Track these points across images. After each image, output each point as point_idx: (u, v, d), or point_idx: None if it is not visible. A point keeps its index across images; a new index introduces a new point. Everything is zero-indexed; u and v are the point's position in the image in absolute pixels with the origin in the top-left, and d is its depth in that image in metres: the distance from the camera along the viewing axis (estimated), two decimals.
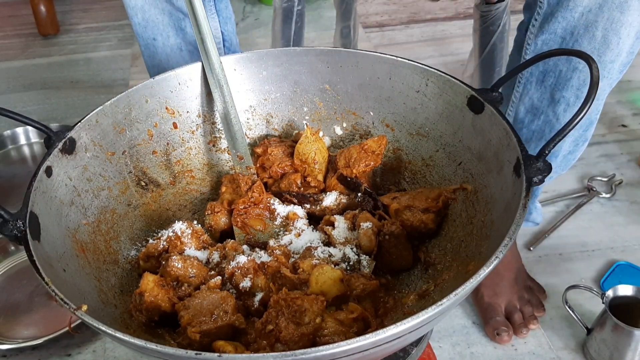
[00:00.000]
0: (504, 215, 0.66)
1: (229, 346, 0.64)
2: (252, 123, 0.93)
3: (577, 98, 0.91)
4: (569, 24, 0.86)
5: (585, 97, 0.63)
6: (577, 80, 0.90)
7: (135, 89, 0.83)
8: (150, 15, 1.02)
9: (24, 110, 1.62)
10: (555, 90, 0.93)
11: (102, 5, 2.20)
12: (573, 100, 0.92)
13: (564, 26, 0.87)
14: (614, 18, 0.82)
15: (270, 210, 0.83)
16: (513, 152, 0.68)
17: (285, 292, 0.67)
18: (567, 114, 0.93)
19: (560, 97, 0.92)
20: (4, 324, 1.03)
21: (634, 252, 1.14)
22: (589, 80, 0.88)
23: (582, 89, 0.90)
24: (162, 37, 1.04)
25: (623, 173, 1.32)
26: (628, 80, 1.63)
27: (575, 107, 0.92)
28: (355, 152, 0.84)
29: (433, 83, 0.81)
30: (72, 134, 0.76)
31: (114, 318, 0.69)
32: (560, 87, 0.92)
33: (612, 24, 0.83)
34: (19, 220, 0.63)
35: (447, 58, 1.79)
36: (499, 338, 0.98)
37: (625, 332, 0.89)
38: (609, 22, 0.83)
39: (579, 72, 0.89)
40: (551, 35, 0.89)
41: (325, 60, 0.88)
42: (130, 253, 0.80)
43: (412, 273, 0.79)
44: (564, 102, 0.93)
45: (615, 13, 0.82)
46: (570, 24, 0.86)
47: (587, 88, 0.89)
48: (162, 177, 0.87)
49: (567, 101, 0.92)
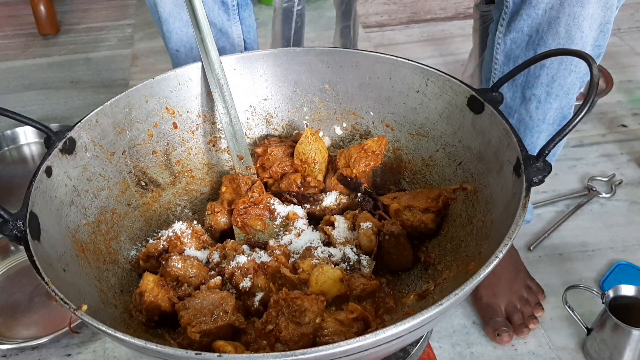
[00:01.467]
0: (504, 215, 0.66)
1: (229, 346, 0.64)
2: (252, 123, 0.93)
3: (548, 95, 0.92)
4: (534, 21, 0.87)
5: (585, 96, 0.63)
6: (545, 78, 0.91)
7: (135, 89, 0.83)
8: (174, 28, 1.01)
9: (24, 110, 1.62)
10: (526, 89, 0.94)
11: (102, 5, 2.20)
12: (544, 97, 0.92)
13: (529, 24, 0.88)
14: (576, 13, 0.83)
15: (270, 210, 0.83)
16: (513, 152, 0.68)
17: (285, 292, 0.67)
18: (538, 111, 0.94)
19: (531, 95, 0.93)
20: (4, 324, 1.03)
21: (634, 252, 1.14)
22: (557, 76, 0.89)
23: (552, 85, 0.91)
24: (184, 49, 1.04)
25: (623, 173, 1.32)
26: (628, 80, 1.63)
27: (546, 103, 0.93)
28: (355, 152, 0.84)
29: (433, 83, 0.81)
30: (72, 134, 0.76)
31: (114, 318, 0.69)
32: (530, 85, 0.93)
33: (574, 19, 0.83)
34: (19, 220, 0.63)
35: (447, 58, 1.79)
36: (500, 338, 0.98)
37: (625, 332, 0.89)
38: (571, 18, 0.83)
39: (547, 69, 0.90)
40: (518, 34, 0.90)
41: (325, 60, 0.88)
42: (130, 253, 0.80)
43: (412, 273, 0.79)
44: (535, 99, 0.94)
45: (576, 8, 0.83)
46: (535, 21, 0.87)
47: (556, 84, 0.90)
48: (162, 177, 0.87)
49: (538, 98, 0.93)
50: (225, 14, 1.02)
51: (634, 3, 2.00)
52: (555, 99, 0.92)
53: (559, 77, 0.90)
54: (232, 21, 1.04)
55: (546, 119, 0.95)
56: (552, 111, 0.94)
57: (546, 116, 0.95)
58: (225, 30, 1.04)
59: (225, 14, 1.02)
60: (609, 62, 1.63)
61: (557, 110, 0.94)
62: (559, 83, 0.90)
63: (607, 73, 1.49)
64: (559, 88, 0.91)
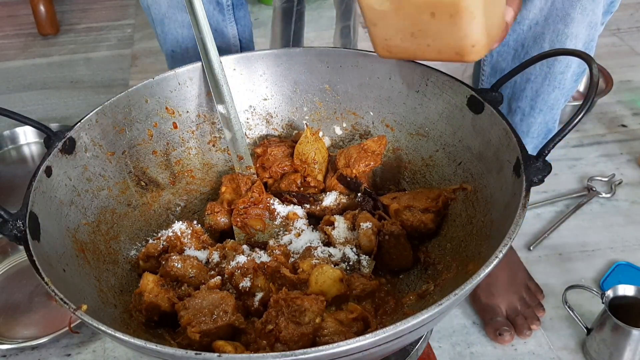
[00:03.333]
0: (503, 215, 0.66)
1: (229, 346, 0.64)
2: (252, 123, 0.93)
3: (532, 108, 0.93)
4: (519, 36, 0.88)
5: (585, 98, 0.63)
6: (530, 91, 0.92)
7: (135, 89, 0.83)
8: (170, 29, 1.01)
9: (24, 110, 1.61)
10: (512, 101, 0.95)
11: (102, 5, 2.20)
12: (528, 110, 0.94)
13: (514, 38, 0.89)
14: (559, 30, 0.84)
15: (270, 210, 0.83)
16: (513, 152, 0.68)
17: (285, 292, 0.67)
18: (523, 123, 0.96)
19: (516, 107, 0.95)
20: (4, 324, 1.03)
21: (634, 252, 1.14)
22: (541, 91, 0.90)
23: (536, 100, 0.92)
24: (180, 50, 1.04)
25: (623, 173, 1.32)
26: (628, 80, 1.63)
27: (530, 117, 0.94)
28: (355, 152, 0.84)
29: (433, 83, 0.81)
30: (72, 134, 0.76)
31: (114, 318, 0.69)
32: (515, 97, 0.94)
33: (557, 36, 0.84)
34: (19, 220, 0.63)
35: None
36: (501, 338, 0.98)
37: (625, 332, 0.89)
38: (555, 34, 0.84)
39: (532, 82, 0.91)
40: (504, 47, 0.91)
41: (325, 60, 0.88)
42: (130, 253, 0.80)
43: (412, 273, 0.79)
44: (519, 112, 0.95)
45: (560, 25, 0.83)
46: (521, 36, 0.88)
47: (540, 99, 0.92)
48: (162, 177, 0.87)
49: (523, 111, 0.94)
50: (220, 14, 1.02)
51: (634, 3, 2.00)
52: (539, 113, 0.93)
53: (542, 92, 0.91)
54: (227, 21, 1.04)
55: (530, 132, 0.96)
56: (536, 125, 0.95)
57: (530, 129, 0.96)
58: (221, 30, 1.04)
59: (220, 14, 1.02)
60: (609, 62, 1.63)
61: (541, 125, 0.95)
62: (543, 98, 0.91)
63: (607, 73, 1.49)
64: (543, 103, 0.92)
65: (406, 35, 0.69)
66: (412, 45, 0.69)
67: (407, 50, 0.70)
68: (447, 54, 0.68)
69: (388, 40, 0.70)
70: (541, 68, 0.89)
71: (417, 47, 0.69)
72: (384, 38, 0.71)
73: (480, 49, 0.67)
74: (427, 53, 0.69)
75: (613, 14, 0.88)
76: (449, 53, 0.68)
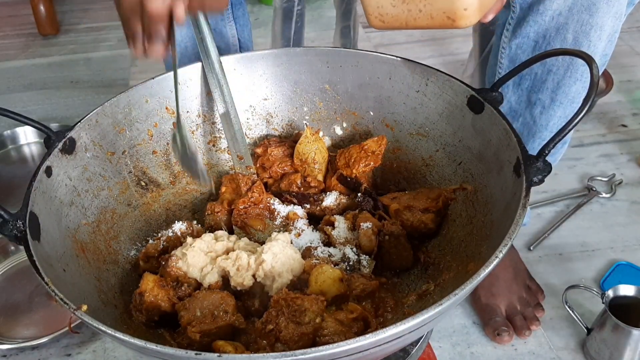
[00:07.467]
0: (504, 215, 0.66)
1: (229, 346, 0.64)
2: (252, 123, 0.93)
3: (552, 100, 0.92)
4: (541, 27, 0.87)
5: (585, 96, 0.63)
6: (551, 83, 0.90)
7: (135, 89, 0.83)
8: None
9: (24, 110, 1.61)
10: (532, 93, 0.94)
11: (102, 5, 2.20)
12: (548, 103, 0.92)
13: (535, 30, 0.87)
14: (583, 20, 0.82)
15: (270, 210, 0.83)
16: (513, 152, 0.68)
17: (285, 292, 0.67)
18: (543, 116, 0.94)
19: (536, 99, 0.93)
20: (4, 324, 1.03)
21: (634, 252, 1.14)
22: (562, 83, 0.89)
23: (557, 91, 0.91)
24: (180, 49, 1.04)
25: (623, 173, 1.32)
26: (628, 80, 1.63)
27: (550, 109, 0.93)
28: (355, 152, 0.84)
29: (433, 83, 0.81)
30: (72, 134, 0.76)
31: (114, 318, 0.69)
32: (535, 89, 0.93)
33: (582, 27, 0.83)
34: (19, 220, 0.63)
35: (447, 58, 1.79)
36: (500, 338, 0.98)
37: (625, 332, 0.89)
38: (579, 25, 0.83)
39: (553, 74, 0.89)
40: (524, 39, 0.89)
41: (325, 60, 0.88)
42: (130, 253, 0.80)
43: (412, 273, 0.79)
44: (539, 104, 0.93)
45: (584, 15, 0.82)
46: (542, 27, 0.86)
47: (561, 91, 0.90)
48: (162, 177, 0.87)
49: (543, 103, 0.93)
50: (219, 13, 1.02)
51: None
52: (559, 106, 0.92)
53: (564, 84, 0.89)
54: (226, 21, 1.04)
55: (549, 125, 0.95)
56: (556, 118, 0.93)
57: (549, 123, 0.94)
58: (220, 29, 1.04)
59: (219, 13, 1.02)
60: (609, 62, 1.63)
61: (560, 119, 0.94)
62: (564, 90, 0.90)
63: (607, 73, 1.49)
64: (564, 95, 0.90)
65: (397, 1, 0.70)
66: (404, 12, 0.71)
67: (399, 18, 0.72)
68: (439, 19, 0.69)
69: (380, 8, 0.71)
70: (563, 59, 0.87)
71: (409, 13, 0.71)
72: (376, 6, 0.72)
73: (472, 12, 0.67)
74: (419, 19, 0.71)
75: (635, 5, 0.87)
76: (440, 17, 0.69)
